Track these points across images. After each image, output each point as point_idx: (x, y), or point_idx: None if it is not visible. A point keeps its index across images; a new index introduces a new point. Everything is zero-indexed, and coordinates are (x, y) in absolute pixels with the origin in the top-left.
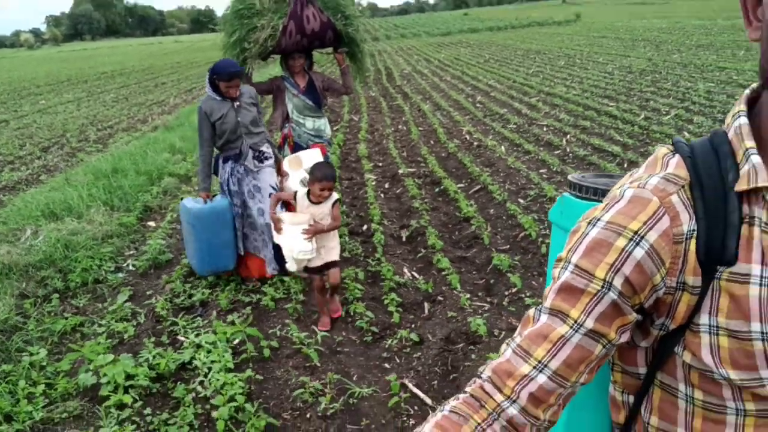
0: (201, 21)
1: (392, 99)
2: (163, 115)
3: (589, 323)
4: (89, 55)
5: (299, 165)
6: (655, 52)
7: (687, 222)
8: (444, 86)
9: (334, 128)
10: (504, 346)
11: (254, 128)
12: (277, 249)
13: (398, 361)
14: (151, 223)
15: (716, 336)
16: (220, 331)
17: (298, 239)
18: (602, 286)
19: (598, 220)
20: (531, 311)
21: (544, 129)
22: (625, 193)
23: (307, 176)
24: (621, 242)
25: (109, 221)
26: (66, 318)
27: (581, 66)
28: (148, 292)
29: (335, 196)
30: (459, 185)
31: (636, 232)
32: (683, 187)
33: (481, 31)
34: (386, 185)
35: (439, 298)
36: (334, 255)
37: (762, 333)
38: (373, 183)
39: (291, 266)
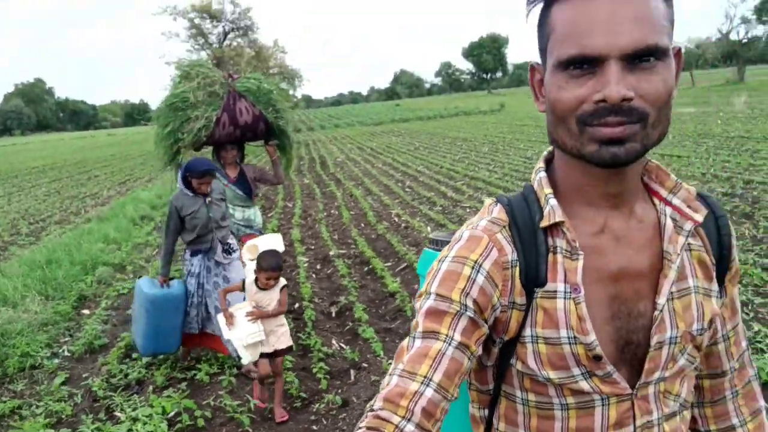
0: (135, 116)
1: (325, 186)
2: (96, 207)
3: (457, 337)
4: (19, 150)
5: (257, 253)
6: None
7: (510, 253)
8: (375, 172)
9: (269, 215)
10: (387, 378)
11: (222, 222)
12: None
13: (325, 423)
14: (86, 311)
15: (537, 344)
16: (156, 404)
17: (245, 324)
18: (460, 307)
19: (446, 257)
20: (404, 342)
21: (468, 210)
22: (464, 234)
23: None
24: (466, 271)
25: (44, 310)
26: (4, 402)
27: (503, 152)
28: (84, 375)
29: (283, 282)
30: (386, 264)
31: (476, 262)
32: (504, 227)
33: (412, 120)
34: (318, 266)
35: (365, 365)
36: (285, 341)
37: (568, 337)
38: (306, 265)
39: (246, 358)
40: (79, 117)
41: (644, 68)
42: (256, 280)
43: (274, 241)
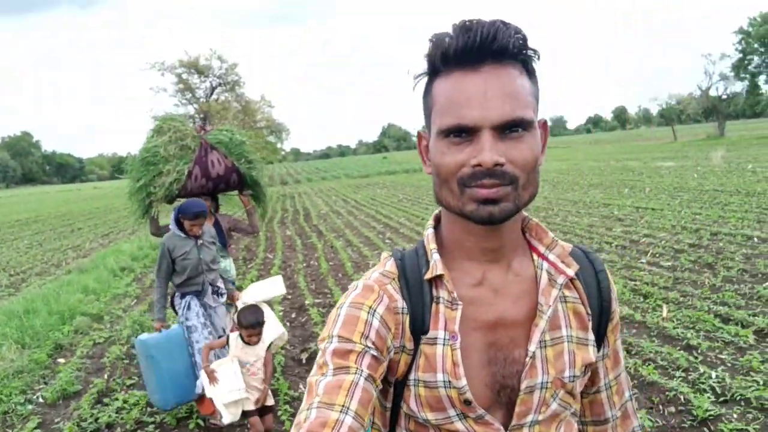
0: (121, 168)
1: (307, 237)
2: (78, 258)
3: (365, 369)
4: (3, 203)
5: (251, 298)
6: (551, 191)
7: (400, 301)
8: (357, 224)
9: (249, 266)
10: (303, 413)
11: (213, 265)
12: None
13: None
14: (62, 360)
15: (418, 387)
16: None
17: (226, 381)
18: (362, 348)
19: (344, 303)
20: (311, 380)
21: None
22: (359, 284)
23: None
24: (363, 315)
25: (20, 358)
26: None
27: None
28: (56, 420)
29: (269, 340)
30: None
31: (371, 307)
32: (394, 279)
33: (398, 173)
34: (293, 315)
35: None
36: (269, 400)
37: (444, 381)
38: (281, 314)
39: (226, 417)
40: (65, 170)
41: (513, 137)
42: (241, 334)
43: (274, 285)
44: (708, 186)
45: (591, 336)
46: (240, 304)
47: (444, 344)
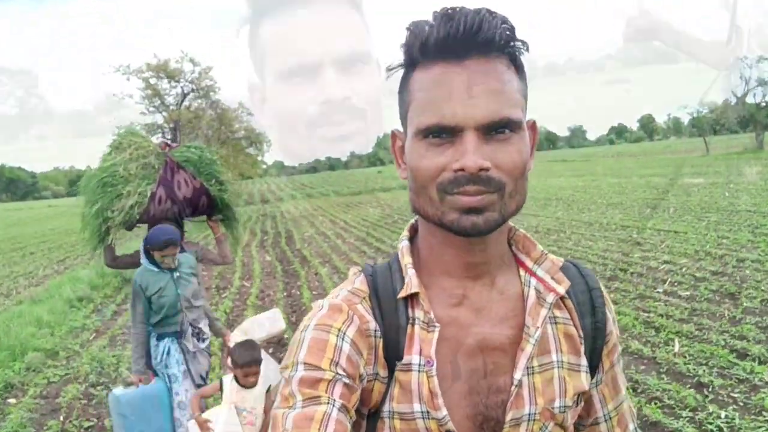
0: (76, 191)
1: (289, 263)
2: (30, 287)
3: (338, 399)
4: None
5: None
6: (565, 211)
7: (372, 322)
8: (346, 249)
9: (223, 295)
10: None
11: (195, 301)
12: None
13: None
14: (12, 400)
15: (392, 419)
16: None
17: (222, 430)
18: (333, 375)
19: (309, 326)
20: (277, 413)
21: None
22: (325, 303)
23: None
24: (332, 339)
25: None
26: None
27: None
28: None
29: (268, 382)
30: None
31: (339, 329)
32: (364, 298)
33: (394, 189)
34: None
35: None
36: None
37: (421, 412)
38: None
39: None
40: (15, 186)
41: (500, 139)
42: (236, 376)
43: (271, 320)
44: (741, 206)
45: (584, 361)
46: (231, 345)
47: (419, 371)
